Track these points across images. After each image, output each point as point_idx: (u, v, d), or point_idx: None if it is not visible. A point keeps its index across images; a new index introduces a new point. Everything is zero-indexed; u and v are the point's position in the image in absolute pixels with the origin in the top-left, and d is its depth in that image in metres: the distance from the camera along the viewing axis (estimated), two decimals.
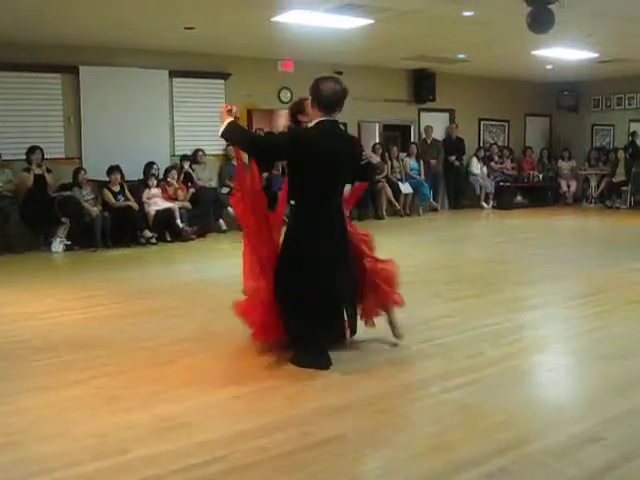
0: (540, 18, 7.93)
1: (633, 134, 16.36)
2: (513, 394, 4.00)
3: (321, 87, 4.39)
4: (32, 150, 10.30)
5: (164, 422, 3.60)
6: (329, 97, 4.39)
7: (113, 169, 10.73)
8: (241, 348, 4.93)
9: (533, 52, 12.32)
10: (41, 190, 10.28)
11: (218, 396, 4.00)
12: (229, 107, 4.56)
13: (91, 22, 9.45)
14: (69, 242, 10.18)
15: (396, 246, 10.31)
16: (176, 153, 12.20)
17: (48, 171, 10.46)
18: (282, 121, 4.43)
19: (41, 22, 9.30)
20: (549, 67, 14.33)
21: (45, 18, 9.09)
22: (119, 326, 5.69)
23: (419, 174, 14.76)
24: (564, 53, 12.44)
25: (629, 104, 16.47)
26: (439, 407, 3.81)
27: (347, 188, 4.86)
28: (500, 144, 16.87)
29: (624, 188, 15.56)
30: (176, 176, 11.47)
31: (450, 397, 3.94)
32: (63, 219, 10.23)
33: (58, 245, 10.06)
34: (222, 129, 4.46)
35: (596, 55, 12.69)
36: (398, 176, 14.38)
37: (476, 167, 15.91)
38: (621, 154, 15.62)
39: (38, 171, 10.30)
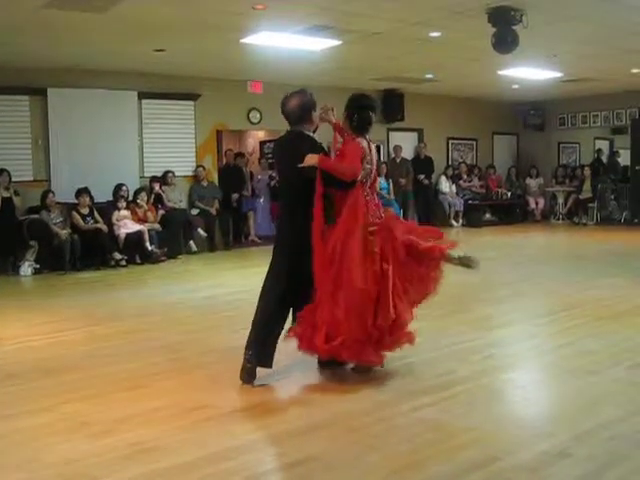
0: (504, 39, 8.08)
1: (599, 151, 16.67)
2: (483, 412, 4.03)
3: (285, 104, 4.67)
4: None
5: (134, 447, 3.56)
6: (292, 112, 4.64)
7: (81, 191, 10.65)
8: (212, 371, 4.91)
9: (499, 72, 12.51)
10: (9, 213, 10.18)
11: (189, 419, 3.97)
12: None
13: (59, 44, 9.43)
14: (38, 265, 10.08)
15: None
16: (145, 174, 12.15)
17: (16, 194, 10.36)
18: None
19: (8, 44, 9.24)
20: (515, 87, 14.55)
21: (12, 40, 9.05)
22: (89, 350, 5.63)
23: (389, 193, 14.82)
24: (529, 73, 12.64)
25: (594, 122, 16.77)
26: (410, 426, 3.82)
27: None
28: (468, 162, 17.06)
29: (591, 205, 15.80)
30: (146, 198, 11.42)
31: (421, 416, 3.96)
32: (31, 242, 10.13)
33: (27, 269, 9.94)
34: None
35: (560, 75, 12.92)
36: None
37: (445, 186, 16.06)
38: (587, 171, 15.85)
39: (5, 194, 10.19)
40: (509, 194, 16.77)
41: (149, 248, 10.89)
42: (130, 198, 11.36)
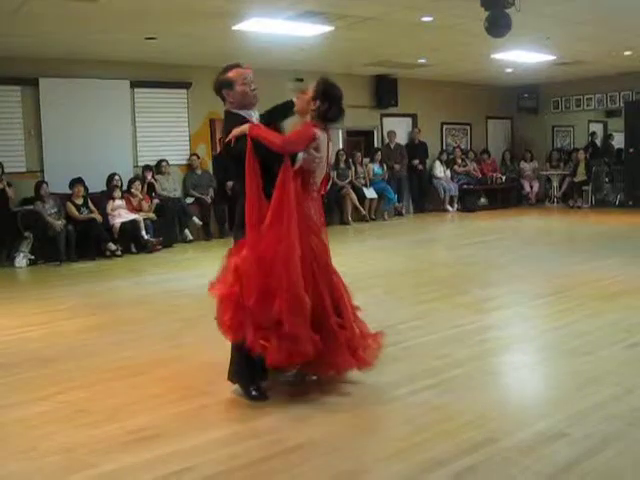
0: (497, 22, 8.03)
1: (593, 134, 16.67)
2: (480, 394, 4.05)
3: None
4: None
5: (132, 434, 3.57)
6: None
7: (76, 182, 10.62)
8: (211, 358, 4.91)
9: (492, 56, 12.49)
10: (2, 205, 10.15)
11: (187, 406, 3.98)
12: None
13: (51, 33, 9.37)
14: (33, 257, 10.05)
15: (362, 251, 10.38)
16: (139, 164, 12.11)
17: (9, 185, 10.33)
18: None
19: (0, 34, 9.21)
20: (509, 71, 14.53)
21: (3, 30, 8.99)
22: (85, 340, 5.63)
23: (383, 179, 14.83)
24: (523, 56, 12.61)
25: (587, 105, 16.75)
26: (408, 409, 3.84)
27: None
28: (463, 147, 17.04)
29: (585, 188, 15.82)
30: (140, 187, 11.39)
31: (418, 399, 3.97)
32: (26, 233, 10.10)
33: (22, 260, 9.92)
34: None
35: (554, 57, 12.90)
36: (362, 181, 14.44)
37: (439, 170, 16.04)
38: (581, 154, 15.86)
39: None
40: (504, 178, 16.76)
41: (145, 237, 10.88)
42: (124, 188, 11.33)
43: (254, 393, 4.08)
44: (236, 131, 4.03)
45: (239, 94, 4.23)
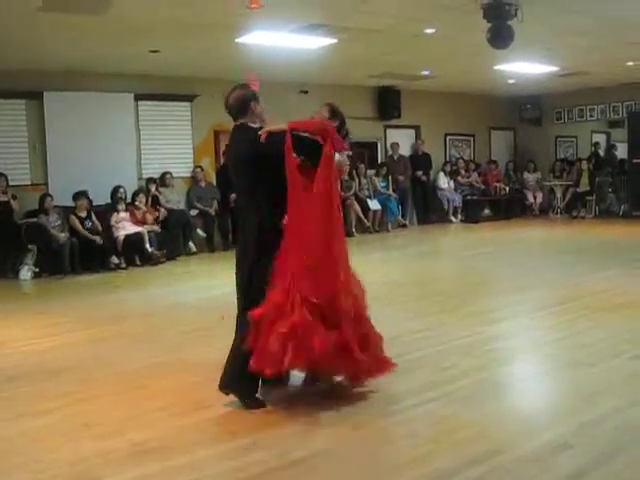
0: (500, 34, 8.08)
1: (596, 145, 16.68)
2: (486, 405, 4.04)
3: (227, 99, 4.43)
4: None
5: (137, 447, 3.57)
6: (232, 106, 4.41)
7: (79, 195, 10.62)
8: (213, 371, 4.90)
9: (495, 67, 12.52)
10: (6, 217, 10.19)
11: (192, 419, 3.98)
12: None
13: (55, 47, 9.43)
14: (37, 269, 10.06)
15: (366, 263, 10.34)
16: (143, 176, 12.14)
17: (13, 198, 10.35)
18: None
19: (4, 48, 9.24)
20: (511, 81, 14.56)
21: (9, 44, 9.05)
22: (90, 352, 5.64)
23: (387, 190, 14.84)
24: (525, 67, 12.64)
25: (590, 115, 16.76)
26: (414, 421, 3.84)
27: None
28: (466, 158, 17.05)
29: (589, 198, 15.81)
30: (144, 199, 11.41)
31: (424, 410, 3.97)
32: (30, 246, 10.12)
33: (26, 272, 9.93)
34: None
35: (556, 69, 12.93)
36: (366, 193, 14.46)
37: (443, 182, 16.05)
38: (584, 165, 15.86)
39: (3, 198, 10.20)
40: (507, 189, 16.76)
41: (149, 250, 10.88)
42: (128, 200, 11.35)
43: (247, 401, 4.13)
44: (273, 127, 4.16)
45: (261, 107, 4.44)
